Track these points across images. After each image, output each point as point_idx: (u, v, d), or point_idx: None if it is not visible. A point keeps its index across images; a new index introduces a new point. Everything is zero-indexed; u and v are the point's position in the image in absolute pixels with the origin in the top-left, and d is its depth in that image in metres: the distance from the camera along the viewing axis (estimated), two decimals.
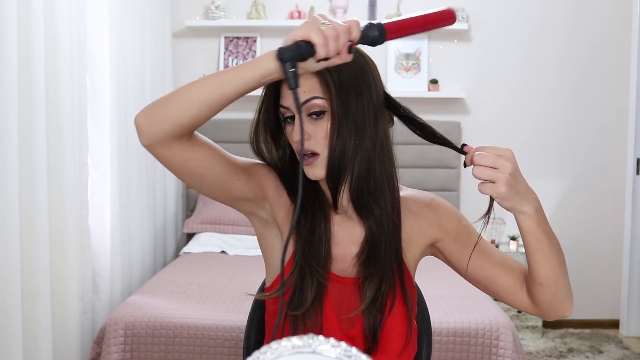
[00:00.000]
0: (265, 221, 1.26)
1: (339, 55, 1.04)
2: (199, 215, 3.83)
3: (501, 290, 1.25)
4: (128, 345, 2.39)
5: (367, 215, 1.21)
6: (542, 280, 1.17)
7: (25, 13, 2.16)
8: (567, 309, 1.21)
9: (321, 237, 1.20)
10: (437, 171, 3.98)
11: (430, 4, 4.57)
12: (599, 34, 4.06)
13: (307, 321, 1.16)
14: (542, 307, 1.21)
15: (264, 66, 1.04)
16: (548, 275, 1.16)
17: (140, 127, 1.08)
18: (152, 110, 1.08)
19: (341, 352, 0.69)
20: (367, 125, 1.16)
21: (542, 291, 1.18)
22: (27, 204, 2.19)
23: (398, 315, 1.21)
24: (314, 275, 1.17)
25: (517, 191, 1.07)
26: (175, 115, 1.06)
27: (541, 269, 1.16)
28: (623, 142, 4.04)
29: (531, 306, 1.23)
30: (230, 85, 1.05)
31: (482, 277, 1.26)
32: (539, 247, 1.14)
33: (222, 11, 3.98)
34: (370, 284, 1.19)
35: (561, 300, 1.20)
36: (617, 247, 4.09)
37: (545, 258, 1.15)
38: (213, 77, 1.06)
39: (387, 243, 1.21)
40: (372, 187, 1.18)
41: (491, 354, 2.38)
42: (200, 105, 1.05)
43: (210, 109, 1.06)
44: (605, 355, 3.56)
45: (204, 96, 1.05)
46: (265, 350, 0.69)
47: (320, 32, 1.00)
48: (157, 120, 1.06)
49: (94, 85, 2.86)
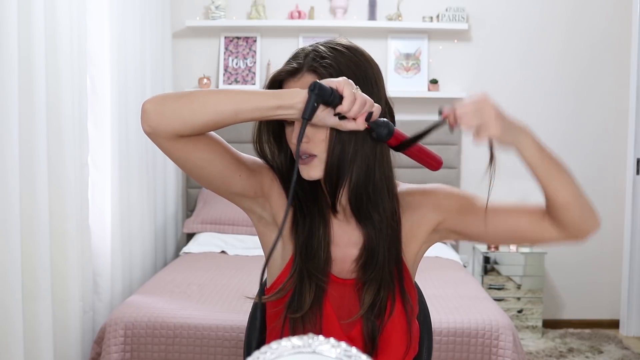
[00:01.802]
0: (265, 220, 1.26)
1: (355, 121, 1.08)
2: (199, 215, 3.83)
3: (527, 231, 1.23)
4: (128, 345, 2.39)
5: (365, 221, 1.21)
6: (564, 203, 1.16)
7: (25, 13, 2.16)
8: (596, 223, 1.21)
9: (320, 241, 1.20)
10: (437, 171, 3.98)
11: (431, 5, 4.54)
12: (599, 34, 4.06)
13: (307, 324, 1.16)
14: (573, 228, 1.20)
15: (286, 99, 1.06)
16: (568, 196, 1.16)
17: (147, 113, 1.07)
18: (166, 101, 1.08)
19: (341, 352, 0.69)
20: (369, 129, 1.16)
21: (568, 213, 1.17)
22: (27, 204, 2.19)
23: (397, 319, 1.21)
24: (313, 278, 1.17)
25: (508, 125, 1.09)
26: (187, 114, 1.06)
27: (559, 192, 1.15)
28: (623, 142, 4.04)
29: (562, 233, 1.21)
30: (247, 105, 1.06)
31: (503, 230, 1.24)
32: (550, 172, 1.14)
33: (222, 11, 3.98)
34: (368, 289, 1.19)
35: (588, 215, 1.19)
36: (617, 247, 4.09)
37: (560, 181, 1.15)
38: (235, 91, 1.08)
39: (386, 249, 1.20)
40: (371, 192, 1.18)
41: (491, 354, 2.38)
42: (214, 113, 1.06)
43: (223, 120, 1.07)
44: (605, 355, 3.56)
45: (221, 107, 1.06)
46: (265, 350, 0.69)
47: (353, 92, 1.06)
48: (167, 113, 1.06)
49: (94, 85, 2.86)
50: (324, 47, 1.19)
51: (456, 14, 3.97)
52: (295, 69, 1.18)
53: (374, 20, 4.00)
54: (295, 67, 1.18)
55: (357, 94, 1.06)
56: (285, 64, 1.21)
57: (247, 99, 1.07)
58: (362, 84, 1.15)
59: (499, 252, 3.88)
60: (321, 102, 1.06)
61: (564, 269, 4.10)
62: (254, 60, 4.07)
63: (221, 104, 1.06)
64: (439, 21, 4.00)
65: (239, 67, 4.07)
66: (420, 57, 4.07)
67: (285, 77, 1.19)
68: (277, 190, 1.24)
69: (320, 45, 1.20)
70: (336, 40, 1.22)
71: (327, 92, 1.05)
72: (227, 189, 1.20)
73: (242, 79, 4.06)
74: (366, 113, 1.08)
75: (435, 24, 3.99)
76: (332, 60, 1.16)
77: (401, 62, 4.07)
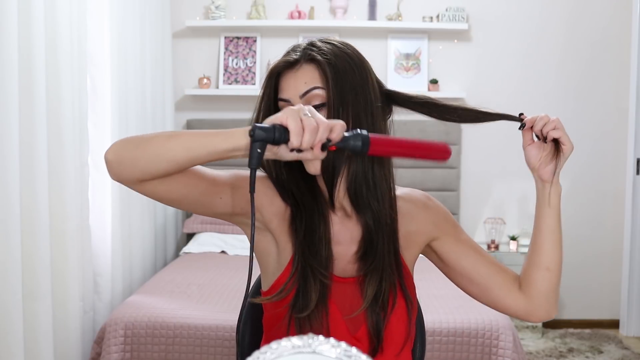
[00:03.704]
0: (257, 229, 1.24)
1: (311, 150, 0.98)
2: (199, 215, 3.83)
3: (496, 287, 1.28)
4: (128, 345, 2.39)
5: (364, 209, 1.21)
6: (550, 265, 1.22)
7: (25, 13, 2.16)
8: (555, 311, 1.27)
9: (321, 237, 1.20)
10: (437, 171, 3.98)
11: (431, 5, 4.54)
12: (599, 34, 4.06)
13: (314, 323, 1.15)
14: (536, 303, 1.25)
15: (236, 140, 1.01)
16: (556, 260, 1.22)
17: (109, 164, 1.07)
18: (122, 152, 1.06)
19: (341, 352, 0.69)
20: (365, 121, 1.16)
21: (547, 277, 1.23)
22: (27, 204, 2.19)
23: (400, 311, 1.21)
24: (317, 276, 1.17)
25: None
26: (144, 165, 1.05)
27: (552, 252, 1.22)
28: (623, 142, 4.04)
29: (523, 303, 1.27)
30: (201, 151, 1.03)
31: (477, 274, 1.28)
32: (556, 228, 1.21)
33: (222, 11, 3.98)
34: (370, 281, 1.19)
35: (555, 296, 1.26)
36: (617, 247, 4.09)
37: (557, 242, 1.22)
38: (187, 137, 1.04)
39: (385, 239, 1.21)
40: (370, 182, 1.19)
41: (491, 354, 2.38)
42: (170, 162, 1.05)
43: (179, 167, 1.06)
44: (605, 355, 3.56)
45: (175, 155, 1.04)
46: (265, 350, 0.69)
47: (299, 121, 0.96)
48: (126, 163, 1.06)
49: (94, 85, 2.86)
50: (320, 41, 1.22)
51: (456, 14, 3.98)
52: (294, 59, 1.19)
53: (374, 20, 4.00)
54: (294, 58, 1.19)
55: (305, 123, 0.96)
56: (283, 56, 1.21)
57: (201, 145, 1.03)
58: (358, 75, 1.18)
59: (499, 252, 3.88)
60: (268, 143, 0.98)
61: (564, 269, 4.06)
62: (254, 60, 4.07)
63: (175, 152, 1.04)
64: (439, 21, 4.00)
65: (239, 67, 4.07)
66: (420, 57, 4.07)
67: (282, 69, 1.20)
68: (265, 196, 1.22)
69: (315, 40, 1.23)
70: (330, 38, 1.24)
71: (269, 132, 0.96)
72: (212, 211, 1.19)
73: (242, 79, 4.06)
74: (320, 143, 0.98)
75: (435, 24, 3.99)
76: (329, 50, 1.18)
77: (401, 62, 4.07)
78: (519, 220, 4.07)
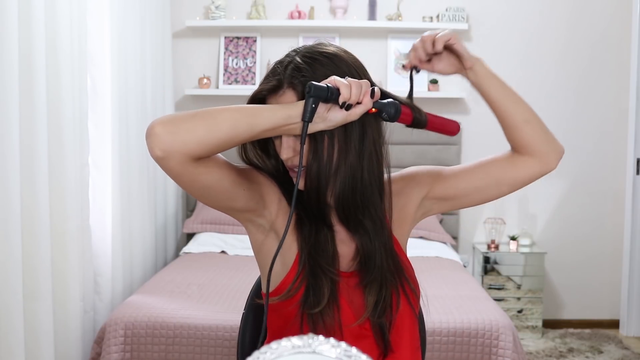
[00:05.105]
0: (263, 228, 1.24)
1: (360, 105, 1.11)
2: (199, 215, 3.83)
3: (501, 175, 1.30)
4: (128, 345, 2.40)
5: (357, 228, 1.21)
6: (524, 117, 1.26)
7: (26, 13, 2.16)
8: (560, 145, 1.30)
9: (326, 236, 1.21)
10: None
11: (431, 5, 4.54)
12: (599, 34, 4.06)
13: (326, 318, 1.16)
14: (540, 151, 1.27)
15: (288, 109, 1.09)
16: (527, 110, 1.27)
17: (157, 136, 1.01)
18: (177, 122, 1.02)
19: (341, 352, 0.69)
20: (352, 140, 1.15)
21: (531, 127, 1.26)
22: (28, 204, 2.20)
23: (405, 312, 1.23)
24: (326, 273, 1.18)
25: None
26: (202, 133, 1.03)
27: (518, 106, 1.26)
28: (623, 142, 4.04)
29: (531, 161, 1.29)
30: (260, 119, 1.07)
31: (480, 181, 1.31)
32: (505, 88, 1.25)
33: (222, 11, 3.98)
34: (371, 290, 1.20)
35: (551, 136, 1.29)
36: (617, 247, 4.09)
37: (515, 97, 1.26)
38: (245, 106, 1.09)
39: (382, 251, 1.21)
40: (359, 201, 1.18)
41: (491, 354, 2.38)
42: (229, 129, 1.04)
43: (238, 136, 1.06)
44: (605, 355, 3.56)
45: (236, 122, 1.05)
46: (266, 350, 0.69)
47: (345, 81, 1.10)
48: (182, 134, 1.01)
49: (94, 85, 2.86)
50: (304, 57, 1.17)
51: (456, 14, 3.98)
52: (276, 86, 1.16)
53: (374, 20, 3.99)
54: (275, 85, 1.16)
55: (350, 81, 1.09)
56: (264, 81, 1.19)
57: (258, 113, 1.07)
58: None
59: (499, 252, 3.88)
60: (320, 102, 1.08)
61: (564, 269, 4.11)
62: (254, 60, 4.07)
63: (235, 119, 1.05)
64: (439, 21, 4.00)
65: (239, 67, 4.07)
66: None
67: (266, 94, 1.18)
68: (274, 195, 1.23)
69: (299, 56, 1.18)
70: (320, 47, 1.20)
71: (323, 90, 1.07)
72: (232, 205, 1.18)
73: (242, 79, 4.06)
74: (369, 91, 1.11)
75: (435, 24, 3.99)
76: (310, 73, 1.14)
77: (401, 62, 4.07)
78: (519, 220, 4.07)
